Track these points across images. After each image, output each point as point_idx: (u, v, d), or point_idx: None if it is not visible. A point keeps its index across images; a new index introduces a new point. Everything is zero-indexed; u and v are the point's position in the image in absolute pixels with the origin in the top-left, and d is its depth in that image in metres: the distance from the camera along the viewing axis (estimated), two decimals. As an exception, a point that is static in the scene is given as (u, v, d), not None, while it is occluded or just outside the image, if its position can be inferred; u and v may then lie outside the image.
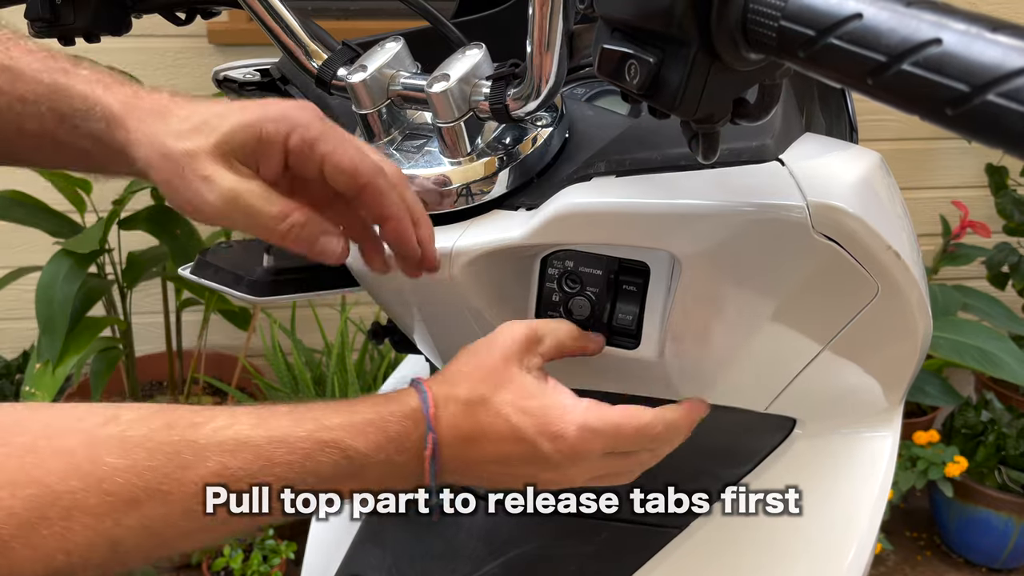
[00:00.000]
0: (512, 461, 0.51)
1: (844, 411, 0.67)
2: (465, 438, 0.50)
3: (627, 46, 0.38)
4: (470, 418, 0.50)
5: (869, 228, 0.50)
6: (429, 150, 0.56)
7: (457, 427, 0.50)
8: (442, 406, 0.50)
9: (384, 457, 0.48)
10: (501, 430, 0.50)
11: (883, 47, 0.29)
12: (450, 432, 0.49)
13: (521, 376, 0.51)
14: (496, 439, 0.50)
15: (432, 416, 0.49)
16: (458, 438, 0.50)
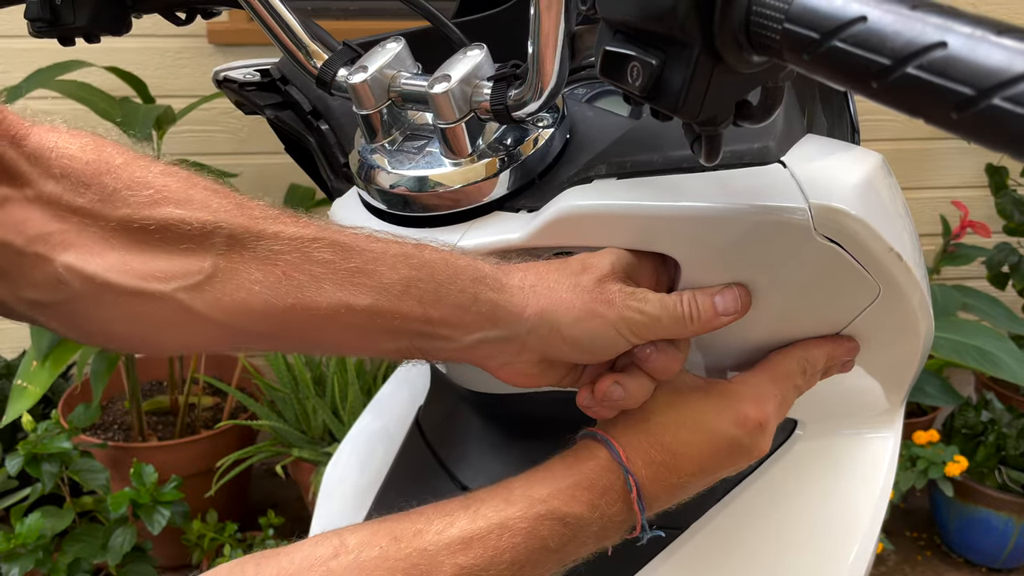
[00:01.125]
0: (712, 467, 0.52)
1: (845, 412, 0.67)
2: (662, 467, 0.51)
3: (629, 48, 0.37)
4: (658, 446, 0.51)
5: (871, 230, 0.50)
6: (430, 151, 0.56)
7: (650, 460, 0.51)
8: (628, 446, 0.50)
9: (600, 514, 0.49)
10: (689, 441, 0.51)
11: (887, 50, 0.29)
12: (646, 467, 0.50)
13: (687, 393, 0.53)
14: (689, 451, 0.51)
15: (624, 459, 0.50)
16: (656, 470, 0.50)
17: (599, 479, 0.49)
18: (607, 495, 0.49)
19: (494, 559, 0.45)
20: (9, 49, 2.01)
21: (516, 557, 0.45)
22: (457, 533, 0.45)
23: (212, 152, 2.13)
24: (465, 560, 0.44)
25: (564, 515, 0.47)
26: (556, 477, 0.49)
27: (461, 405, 0.70)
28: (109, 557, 1.63)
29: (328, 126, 0.64)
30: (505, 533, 0.45)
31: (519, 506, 0.47)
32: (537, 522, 0.46)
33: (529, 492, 0.47)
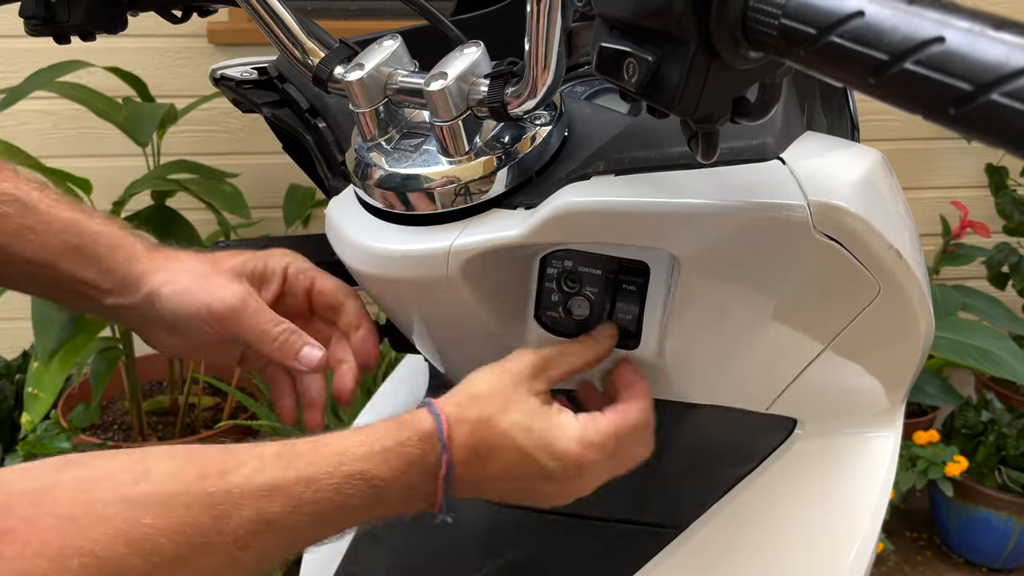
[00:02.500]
0: (520, 477, 0.53)
1: (845, 411, 0.67)
2: (475, 455, 0.52)
3: (625, 44, 0.37)
4: (479, 437, 0.52)
5: (871, 227, 0.50)
6: (427, 149, 0.56)
7: (468, 446, 0.51)
8: (455, 427, 0.51)
9: (405, 480, 0.49)
10: (508, 448, 0.52)
11: (885, 45, 0.29)
12: (461, 451, 0.51)
13: (527, 399, 0.54)
14: (503, 457, 0.52)
15: (446, 437, 0.51)
16: (469, 457, 0.52)
17: (414, 449, 0.50)
18: (418, 466, 0.50)
19: (296, 510, 0.45)
20: (9, 49, 2.01)
21: (318, 511, 0.46)
22: (264, 480, 0.45)
23: (212, 152, 2.12)
24: (267, 507, 0.44)
25: (373, 478, 0.48)
26: (375, 439, 0.49)
27: (459, 404, 0.69)
28: (108, 557, 1.63)
29: (325, 124, 0.63)
30: (312, 487, 0.46)
31: (332, 462, 0.47)
32: (345, 481, 0.47)
33: (344, 449, 0.48)
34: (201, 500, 0.42)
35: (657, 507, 0.64)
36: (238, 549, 0.43)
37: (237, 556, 0.43)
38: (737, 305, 0.55)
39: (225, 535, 0.42)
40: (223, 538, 0.42)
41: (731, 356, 0.58)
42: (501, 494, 0.55)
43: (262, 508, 0.44)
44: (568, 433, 0.53)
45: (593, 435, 0.54)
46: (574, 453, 0.53)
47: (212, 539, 0.42)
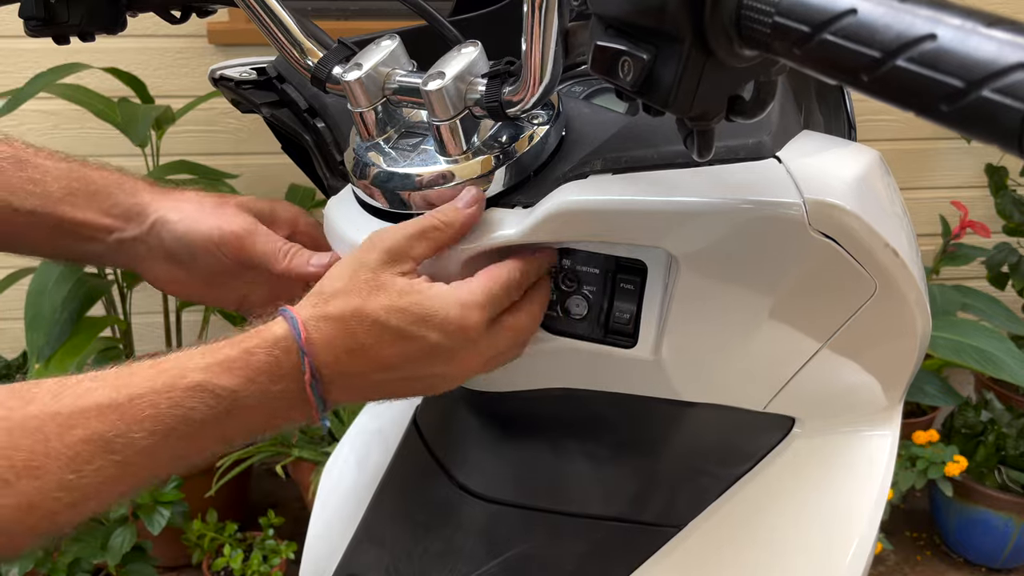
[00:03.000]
0: (405, 364, 0.50)
1: (843, 410, 0.67)
2: (345, 353, 0.49)
3: (620, 43, 0.37)
4: (345, 332, 0.49)
5: (867, 226, 0.50)
6: (425, 148, 0.56)
7: (334, 345, 0.48)
8: (313, 328, 0.48)
9: (258, 389, 0.47)
10: (380, 336, 0.49)
11: (877, 43, 0.29)
12: (327, 352, 0.48)
13: (392, 280, 0.50)
14: (378, 346, 0.49)
15: (304, 340, 0.48)
16: (337, 355, 0.49)
17: (260, 356, 0.47)
18: (268, 373, 0.47)
19: (131, 427, 0.43)
20: (9, 49, 2.01)
21: (159, 428, 0.44)
22: (96, 400, 0.43)
23: (212, 152, 2.13)
24: (99, 426, 0.42)
25: (216, 387, 0.46)
26: (217, 349, 0.47)
27: (458, 404, 0.70)
28: (109, 557, 1.63)
29: (324, 124, 0.64)
30: (146, 401, 0.44)
31: (170, 376, 0.45)
32: (185, 393, 0.45)
33: (184, 362, 0.46)
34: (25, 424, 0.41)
35: (655, 506, 0.64)
36: (71, 472, 0.42)
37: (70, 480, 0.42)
38: (734, 303, 0.55)
39: (53, 458, 0.41)
40: (51, 461, 0.41)
41: (728, 354, 0.58)
42: (389, 389, 0.52)
43: (94, 428, 0.42)
44: (445, 300, 0.50)
45: (468, 295, 0.51)
46: (455, 317, 0.50)
47: (39, 462, 0.41)
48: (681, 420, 0.62)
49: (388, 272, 0.51)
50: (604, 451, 0.64)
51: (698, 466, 0.65)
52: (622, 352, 0.56)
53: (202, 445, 0.47)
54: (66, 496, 0.42)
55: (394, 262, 0.51)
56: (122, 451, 0.43)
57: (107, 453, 0.43)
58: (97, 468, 0.42)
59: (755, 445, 0.66)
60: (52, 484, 0.41)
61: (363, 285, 0.50)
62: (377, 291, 0.50)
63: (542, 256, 0.55)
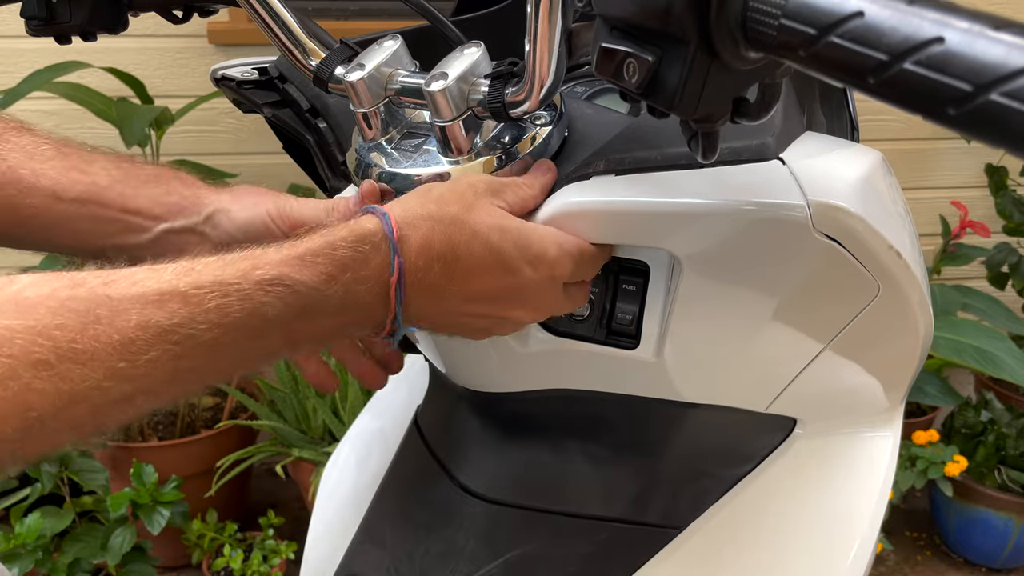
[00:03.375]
0: (488, 295, 0.47)
1: (845, 411, 0.67)
2: (438, 260, 0.45)
3: (625, 44, 0.37)
4: (443, 237, 0.45)
5: (870, 227, 0.50)
6: (427, 149, 0.56)
7: (429, 247, 0.45)
8: (408, 225, 0.45)
9: (340, 289, 0.43)
10: (479, 253, 0.46)
11: (884, 46, 0.29)
12: (420, 255, 0.45)
13: (491, 207, 0.48)
14: (473, 263, 0.46)
15: (396, 237, 0.44)
16: (429, 261, 0.45)
17: (345, 251, 0.43)
18: (353, 269, 0.43)
19: (195, 318, 0.39)
20: (9, 49, 2.01)
21: (225, 321, 0.39)
22: (155, 286, 0.38)
23: (211, 152, 2.12)
24: (156, 313, 0.38)
25: (294, 283, 0.41)
26: (299, 243, 0.43)
27: (459, 405, 0.70)
28: (109, 557, 1.63)
29: (326, 124, 0.63)
30: (214, 292, 0.39)
31: (241, 267, 0.41)
32: (257, 286, 0.40)
33: (259, 255, 0.42)
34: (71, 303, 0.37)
35: (657, 507, 0.64)
36: (123, 360, 0.37)
37: (121, 368, 0.37)
38: (737, 305, 0.55)
39: (103, 342, 0.37)
40: (100, 346, 0.36)
41: (730, 356, 0.58)
42: (458, 317, 0.48)
43: (150, 315, 0.38)
44: (545, 237, 0.48)
45: (566, 241, 0.49)
46: (552, 256, 0.47)
47: (85, 345, 0.36)
48: (683, 421, 0.62)
49: (487, 199, 0.48)
50: (605, 452, 0.64)
51: (700, 467, 0.64)
52: (624, 353, 0.56)
53: (268, 346, 0.42)
54: (115, 387, 0.37)
55: (493, 194, 0.49)
56: (182, 343, 0.38)
57: (165, 343, 0.38)
58: (152, 359, 0.38)
59: (757, 446, 0.66)
60: (100, 371, 0.37)
61: (462, 200, 0.47)
62: (477, 209, 0.47)
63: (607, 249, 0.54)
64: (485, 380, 0.64)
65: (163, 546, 1.81)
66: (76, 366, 0.36)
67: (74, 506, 1.71)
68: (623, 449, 0.63)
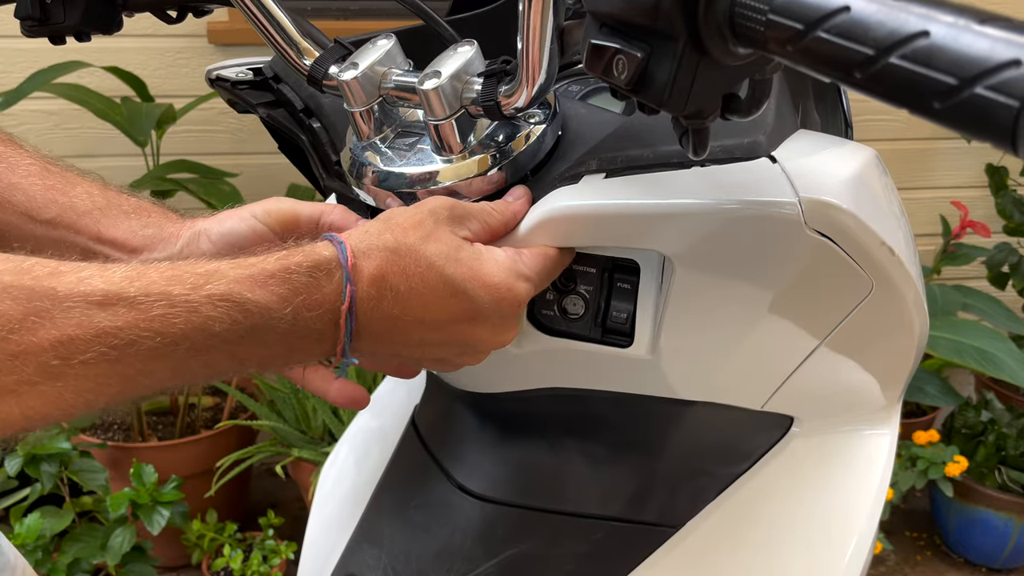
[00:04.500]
0: (443, 323, 0.47)
1: (841, 409, 0.67)
2: (390, 291, 0.45)
3: (614, 41, 0.37)
4: (397, 268, 0.45)
5: (862, 224, 0.50)
6: (421, 148, 0.56)
7: (382, 277, 0.44)
8: (363, 255, 0.44)
9: (291, 313, 0.42)
10: (432, 283, 0.46)
11: (871, 40, 0.29)
12: (373, 284, 0.44)
13: (450, 236, 0.47)
14: (427, 293, 0.46)
15: (351, 266, 0.44)
16: (381, 291, 0.45)
17: (300, 276, 0.43)
18: (305, 295, 0.43)
19: (138, 324, 0.38)
20: (9, 49, 2.01)
21: (167, 329, 0.38)
22: (103, 286, 0.37)
23: (211, 152, 2.13)
24: (99, 316, 0.37)
25: (245, 302, 0.40)
26: (254, 261, 0.42)
27: (456, 405, 0.70)
28: (109, 557, 1.63)
29: (320, 124, 0.63)
30: (162, 301, 0.38)
31: (194, 279, 0.40)
32: (207, 301, 0.40)
33: (214, 269, 0.41)
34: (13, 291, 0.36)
35: (653, 506, 0.64)
36: (57, 358, 0.36)
37: (54, 366, 0.36)
38: (730, 302, 0.55)
39: (40, 337, 0.36)
40: (36, 339, 0.35)
41: (725, 353, 0.58)
42: (414, 347, 0.48)
43: (94, 316, 0.37)
44: (500, 264, 0.48)
45: (522, 266, 0.49)
46: (505, 283, 0.47)
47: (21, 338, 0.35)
48: (679, 419, 0.62)
49: (447, 227, 0.48)
50: (602, 451, 0.64)
51: (696, 465, 0.64)
52: (619, 351, 0.56)
53: (211, 362, 0.41)
54: (45, 385, 0.36)
55: (455, 221, 0.49)
56: (121, 348, 0.38)
57: (103, 346, 0.37)
58: (87, 361, 0.37)
59: (753, 444, 0.66)
60: (31, 366, 0.36)
61: (417, 229, 0.47)
62: (433, 239, 0.47)
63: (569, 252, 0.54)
64: (480, 380, 0.64)
65: (163, 546, 1.81)
66: (6, 357, 0.35)
67: (74, 506, 1.71)
68: (619, 448, 0.63)
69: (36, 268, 0.37)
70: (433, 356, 0.50)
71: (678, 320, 0.55)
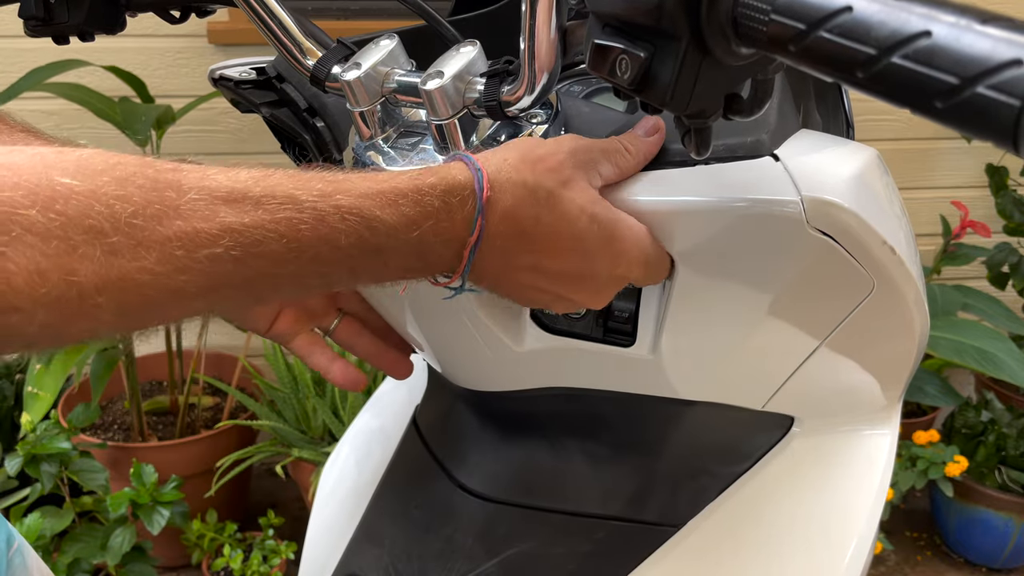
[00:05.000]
0: (560, 281, 0.46)
1: (842, 409, 0.67)
2: (517, 235, 0.43)
3: (618, 41, 0.37)
4: (531, 211, 0.43)
5: (864, 223, 0.50)
6: (424, 148, 0.56)
7: (514, 216, 0.43)
8: (499, 188, 0.42)
9: (416, 236, 0.41)
10: (563, 235, 0.44)
11: (873, 40, 0.29)
12: (503, 221, 0.43)
13: (586, 186, 0.45)
14: (552, 244, 0.44)
15: (485, 198, 0.42)
16: (508, 233, 0.43)
17: (432, 199, 0.41)
18: (437, 220, 0.41)
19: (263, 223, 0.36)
20: (9, 49, 2.01)
21: (293, 233, 0.37)
22: (227, 184, 0.36)
23: (212, 152, 2.13)
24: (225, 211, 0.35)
25: (372, 219, 0.39)
26: (386, 177, 0.41)
27: (457, 403, 0.70)
28: (109, 557, 1.63)
29: (323, 123, 0.64)
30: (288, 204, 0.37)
31: (324, 188, 0.39)
32: (335, 211, 0.38)
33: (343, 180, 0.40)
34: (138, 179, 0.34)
35: (654, 505, 0.64)
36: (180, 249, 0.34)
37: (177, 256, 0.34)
38: (731, 301, 0.55)
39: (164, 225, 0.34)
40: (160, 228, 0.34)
41: (726, 352, 0.58)
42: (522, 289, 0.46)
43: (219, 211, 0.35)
44: (634, 232, 0.46)
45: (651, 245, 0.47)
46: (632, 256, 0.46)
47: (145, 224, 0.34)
48: (680, 419, 0.62)
49: (583, 176, 0.46)
50: (603, 450, 0.64)
51: (697, 465, 0.65)
52: (621, 351, 0.57)
53: (329, 272, 0.40)
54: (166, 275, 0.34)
55: (586, 168, 0.46)
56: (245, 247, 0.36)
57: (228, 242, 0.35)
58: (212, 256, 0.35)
59: (754, 444, 0.66)
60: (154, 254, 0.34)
61: (559, 173, 0.45)
62: (571, 187, 0.45)
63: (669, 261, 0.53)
64: (482, 379, 0.64)
65: (163, 546, 1.81)
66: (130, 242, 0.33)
67: (74, 506, 1.71)
68: (621, 447, 0.64)
69: (158, 163, 0.36)
70: (528, 296, 0.48)
71: (680, 319, 0.55)
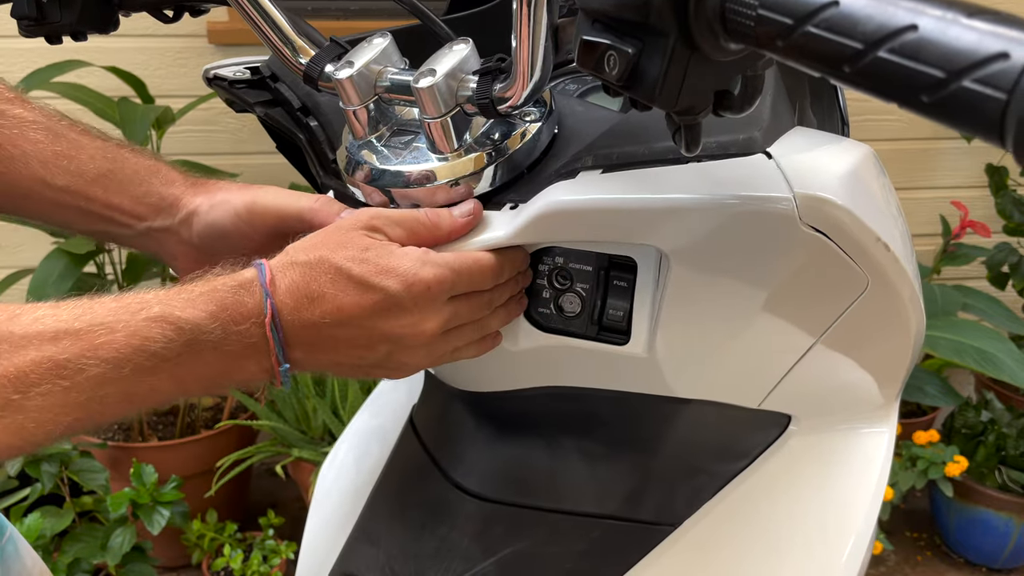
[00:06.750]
0: (359, 317, 0.50)
1: (839, 407, 0.67)
2: (306, 299, 0.49)
3: (606, 37, 0.37)
4: (309, 279, 0.49)
5: (857, 219, 0.50)
6: (417, 146, 0.56)
7: (296, 290, 0.49)
8: (280, 273, 0.49)
9: (219, 327, 0.47)
10: (342, 284, 0.49)
11: (859, 34, 0.29)
12: (289, 296, 0.49)
13: (362, 239, 0.51)
14: (338, 295, 0.49)
15: (268, 282, 0.48)
16: (298, 301, 0.49)
17: (225, 294, 0.47)
18: (231, 310, 0.47)
19: (84, 353, 0.43)
20: (9, 49, 2.01)
21: (111, 355, 0.43)
22: (53, 325, 0.43)
23: (212, 152, 2.13)
24: (52, 349, 0.42)
25: (177, 319, 0.45)
26: (184, 288, 0.47)
27: (454, 404, 0.70)
28: (109, 557, 1.63)
29: (317, 122, 0.64)
30: (105, 330, 0.43)
31: (132, 307, 0.45)
32: (144, 324, 0.44)
33: (146, 296, 0.46)
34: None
35: (651, 504, 0.64)
36: (17, 392, 0.41)
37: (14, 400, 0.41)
38: (726, 299, 0.55)
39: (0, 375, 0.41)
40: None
41: (721, 350, 0.58)
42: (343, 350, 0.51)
43: (47, 351, 0.42)
44: (408, 255, 0.50)
45: (432, 256, 0.51)
46: (411, 269, 0.49)
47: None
48: (676, 417, 0.62)
49: (360, 232, 0.51)
50: (599, 449, 0.64)
51: (694, 464, 0.64)
52: (615, 349, 0.56)
53: (155, 384, 0.46)
54: (8, 418, 0.41)
55: (371, 230, 0.51)
56: (72, 377, 0.42)
57: (56, 378, 0.42)
58: (44, 392, 0.42)
59: (751, 442, 0.65)
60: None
61: (332, 241, 0.51)
62: (344, 246, 0.50)
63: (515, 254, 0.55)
64: (476, 380, 0.64)
65: (163, 546, 1.81)
66: None
67: (74, 506, 1.71)
68: (617, 446, 0.63)
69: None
70: (369, 360, 0.52)
71: (674, 317, 0.55)
